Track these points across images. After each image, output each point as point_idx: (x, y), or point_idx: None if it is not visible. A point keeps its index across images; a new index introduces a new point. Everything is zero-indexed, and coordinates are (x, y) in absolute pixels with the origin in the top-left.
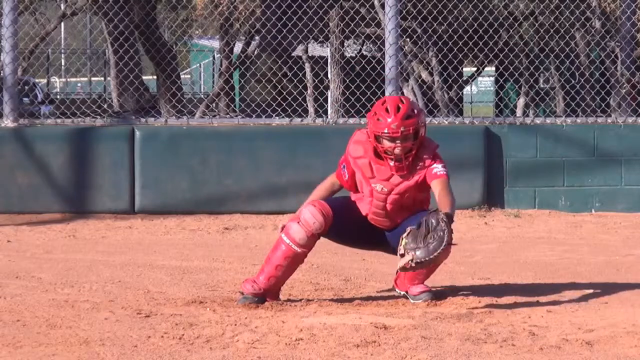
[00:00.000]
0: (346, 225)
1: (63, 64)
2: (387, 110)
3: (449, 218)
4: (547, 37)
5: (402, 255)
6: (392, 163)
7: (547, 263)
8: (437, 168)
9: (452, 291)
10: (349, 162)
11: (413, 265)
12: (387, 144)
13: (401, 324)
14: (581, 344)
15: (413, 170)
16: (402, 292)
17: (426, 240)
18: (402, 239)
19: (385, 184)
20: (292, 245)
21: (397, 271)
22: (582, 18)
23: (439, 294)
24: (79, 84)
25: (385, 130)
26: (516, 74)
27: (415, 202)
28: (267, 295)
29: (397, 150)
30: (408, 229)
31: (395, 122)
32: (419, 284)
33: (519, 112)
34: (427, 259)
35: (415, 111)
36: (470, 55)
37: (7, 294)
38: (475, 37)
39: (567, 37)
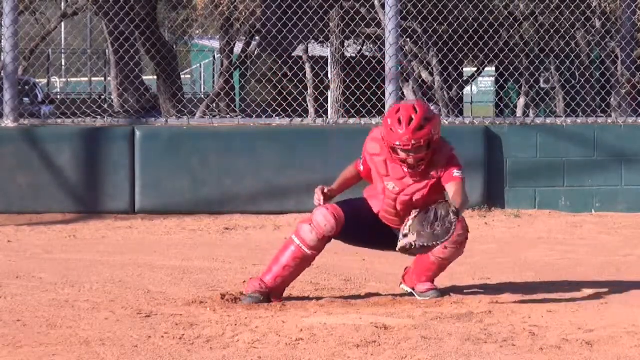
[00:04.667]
0: (358, 227)
1: (63, 64)
2: (399, 121)
3: (458, 212)
4: (547, 37)
5: (405, 236)
6: (406, 169)
7: (547, 263)
8: (454, 171)
9: (452, 291)
10: (365, 157)
11: (415, 247)
12: (400, 154)
13: (401, 324)
14: (581, 344)
15: (427, 174)
16: (409, 289)
17: (433, 227)
18: (408, 219)
19: (397, 183)
20: (302, 246)
21: (399, 249)
22: (582, 18)
23: (445, 293)
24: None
25: (397, 143)
26: (516, 74)
27: (427, 204)
28: (272, 294)
29: (410, 161)
30: (414, 212)
31: (406, 135)
32: (427, 281)
33: (519, 112)
34: (429, 244)
35: (429, 119)
36: (471, 56)
37: (8, 294)
38: (476, 38)
39: (567, 37)
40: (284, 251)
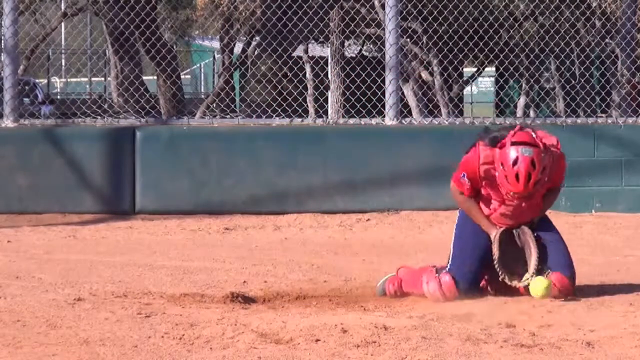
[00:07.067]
0: (482, 266)
1: (63, 64)
2: (516, 177)
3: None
4: (547, 37)
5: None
6: None
7: None
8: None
9: None
10: (476, 178)
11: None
12: (513, 197)
13: (401, 324)
14: (581, 344)
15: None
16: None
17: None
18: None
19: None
20: (426, 293)
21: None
22: (583, 18)
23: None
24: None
25: (512, 193)
26: (516, 74)
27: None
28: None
29: (524, 205)
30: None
31: (522, 190)
32: None
33: (519, 112)
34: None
35: (545, 168)
36: (471, 56)
37: (8, 295)
38: (476, 38)
39: (567, 37)
40: (417, 282)
